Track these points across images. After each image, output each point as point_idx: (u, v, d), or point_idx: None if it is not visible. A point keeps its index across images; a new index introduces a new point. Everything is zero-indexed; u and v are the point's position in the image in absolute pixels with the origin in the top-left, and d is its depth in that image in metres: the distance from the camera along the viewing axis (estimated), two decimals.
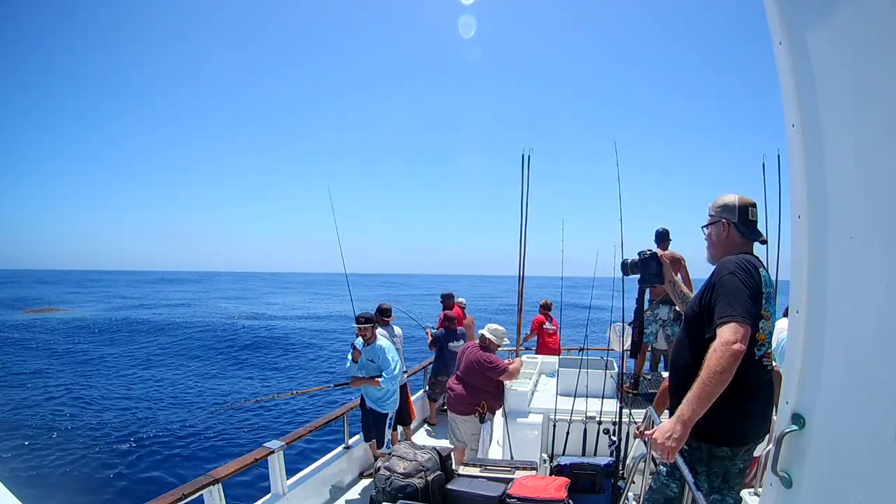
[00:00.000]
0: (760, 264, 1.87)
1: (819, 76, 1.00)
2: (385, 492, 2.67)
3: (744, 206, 1.94)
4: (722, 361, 1.60)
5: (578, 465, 2.99)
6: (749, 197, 1.98)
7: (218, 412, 9.11)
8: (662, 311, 4.98)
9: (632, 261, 2.46)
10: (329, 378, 12.18)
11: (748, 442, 1.91)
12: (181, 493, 2.69)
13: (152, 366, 13.75)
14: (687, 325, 1.97)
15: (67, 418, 9.04)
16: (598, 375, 4.15)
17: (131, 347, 16.44)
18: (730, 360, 1.60)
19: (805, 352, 1.06)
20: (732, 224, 1.94)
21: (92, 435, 8.24)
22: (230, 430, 8.69)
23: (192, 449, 7.84)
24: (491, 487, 2.61)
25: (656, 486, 2.04)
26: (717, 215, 1.98)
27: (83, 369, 13.17)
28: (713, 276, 1.83)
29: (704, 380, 1.62)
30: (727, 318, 1.67)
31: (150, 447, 7.79)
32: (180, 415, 9.48)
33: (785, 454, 1.09)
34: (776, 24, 1.07)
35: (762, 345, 1.83)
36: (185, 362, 14.32)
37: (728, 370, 1.60)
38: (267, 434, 8.23)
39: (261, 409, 9.94)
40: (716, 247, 2.00)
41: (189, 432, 8.50)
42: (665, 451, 1.66)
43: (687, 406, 1.64)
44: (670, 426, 1.66)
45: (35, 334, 19.17)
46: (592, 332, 4.96)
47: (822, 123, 1.00)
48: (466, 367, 4.08)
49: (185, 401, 10.51)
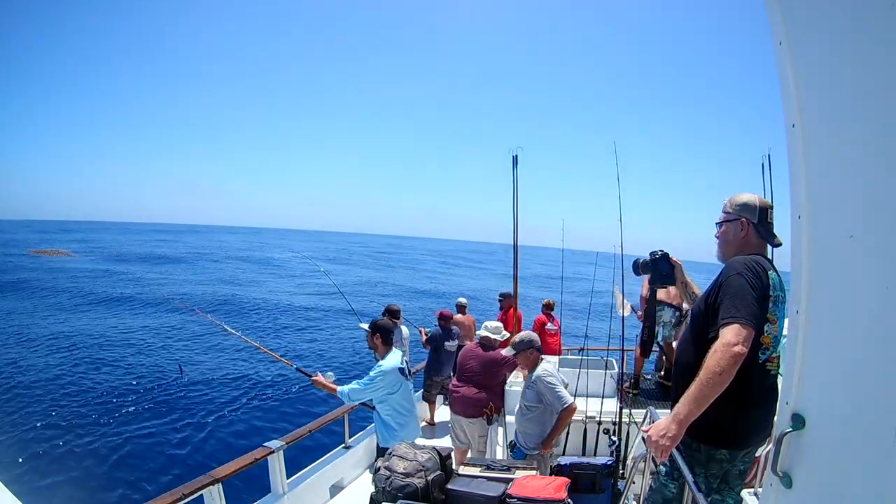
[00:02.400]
0: (770, 266, 1.85)
1: (819, 76, 1.00)
2: (385, 491, 2.67)
3: (764, 208, 1.91)
4: (721, 363, 1.58)
5: (578, 465, 2.99)
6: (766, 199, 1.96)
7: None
8: (667, 314, 4.94)
9: (643, 261, 2.43)
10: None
11: (748, 446, 1.90)
12: (181, 493, 2.69)
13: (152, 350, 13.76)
14: (693, 323, 1.96)
15: (67, 419, 9.04)
16: (598, 375, 4.16)
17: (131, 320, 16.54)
18: (729, 362, 1.58)
19: (805, 352, 1.06)
20: (752, 224, 1.90)
21: (92, 435, 8.24)
22: (230, 429, 8.69)
23: (192, 449, 7.84)
24: (491, 487, 2.61)
25: (656, 487, 2.04)
26: (735, 213, 1.93)
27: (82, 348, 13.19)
28: (721, 276, 1.81)
29: (703, 380, 1.61)
30: (730, 320, 1.65)
31: (150, 447, 7.79)
32: (180, 414, 9.48)
33: (785, 454, 1.09)
34: (776, 24, 1.07)
35: (766, 348, 1.80)
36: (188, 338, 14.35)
37: (727, 372, 1.58)
38: (267, 434, 8.23)
39: (261, 408, 9.94)
40: (730, 245, 1.96)
41: (189, 432, 8.50)
42: (658, 450, 1.66)
43: (684, 405, 1.63)
44: (665, 424, 1.66)
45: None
46: (592, 332, 4.96)
47: (822, 123, 1.00)
48: (476, 369, 4.04)
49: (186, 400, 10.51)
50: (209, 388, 11.50)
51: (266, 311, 19.03)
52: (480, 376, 4.00)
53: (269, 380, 12.57)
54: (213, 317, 5.41)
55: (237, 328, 4.80)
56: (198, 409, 9.90)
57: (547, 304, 7.17)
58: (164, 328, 16.72)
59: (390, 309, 5.17)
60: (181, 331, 16.82)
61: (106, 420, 9.02)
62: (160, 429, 8.63)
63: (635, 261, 2.50)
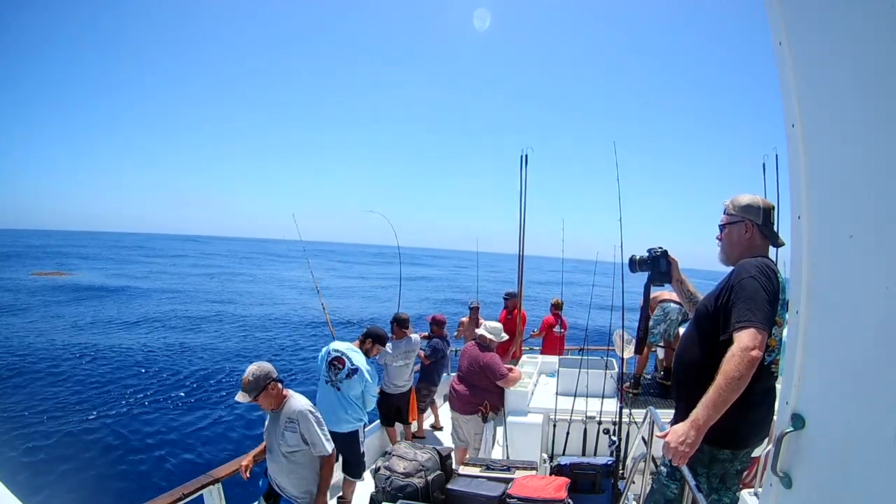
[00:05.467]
0: (777, 269, 1.85)
1: (819, 76, 1.00)
2: (385, 491, 2.67)
3: (767, 209, 1.90)
4: (741, 367, 1.58)
5: (578, 465, 2.99)
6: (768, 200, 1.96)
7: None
8: (673, 312, 4.90)
9: (640, 258, 2.38)
10: None
11: (749, 445, 1.91)
12: (181, 493, 2.69)
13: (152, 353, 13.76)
14: (698, 322, 1.95)
15: (66, 418, 9.04)
16: (598, 375, 4.15)
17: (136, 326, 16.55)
18: (748, 367, 1.58)
19: (805, 352, 1.06)
20: (756, 226, 1.89)
21: (91, 434, 8.24)
22: (230, 429, 8.69)
23: (192, 449, 7.84)
24: (491, 487, 2.61)
25: (656, 487, 2.04)
26: (738, 215, 1.93)
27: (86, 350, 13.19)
28: (732, 278, 1.80)
29: (721, 385, 1.59)
30: (746, 324, 1.64)
31: (150, 447, 7.79)
32: (180, 414, 9.48)
33: (785, 454, 1.09)
34: (776, 24, 1.07)
35: (772, 350, 1.82)
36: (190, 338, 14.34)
37: (745, 376, 1.58)
38: None
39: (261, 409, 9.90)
40: (734, 247, 1.95)
41: (189, 432, 8.51)
42: (678, 455, 1.65)
43: (703, 410, 1.62)
44: (684, 430, 1.64)
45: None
46: (592, 333, 4.96)
47: (822, 123, 1.00)
48: (468, 366, 4.08)
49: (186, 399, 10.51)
50: (209, 389, 11.50)
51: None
52: (470, 375, 4.05)
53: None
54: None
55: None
56: (198, 409, 9.90)
57: (555, 304, 7.08)
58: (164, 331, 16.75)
59: (398, 318, 5.09)
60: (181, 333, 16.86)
61: (106, 420, 9.02)
62: (160, 429, 8.63)
63: (632, 257, 2.44)
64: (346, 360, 3.71)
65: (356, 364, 3.70)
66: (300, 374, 12.11)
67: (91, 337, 15.07)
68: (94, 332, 15.84)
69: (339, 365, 3.70)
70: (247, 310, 21.60)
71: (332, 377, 3.70)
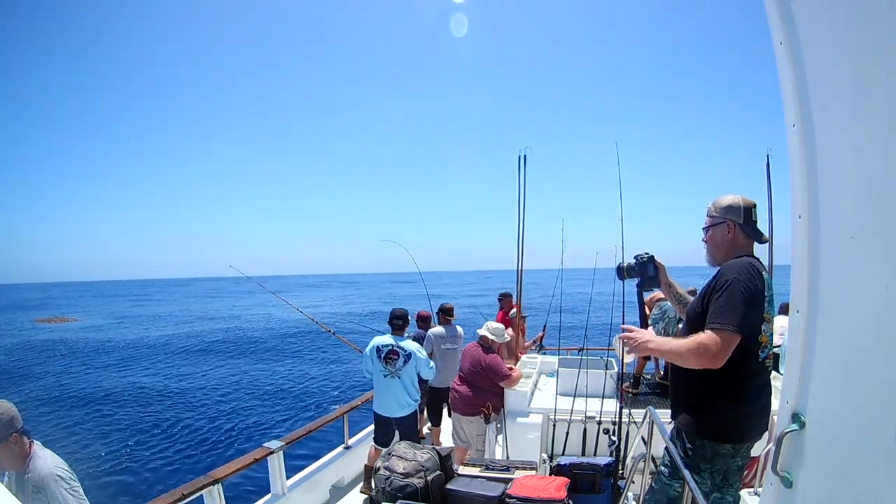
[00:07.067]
0: (763, 267, 1.88)
1: (819, 76, 1.00)
2: (384, 492, 2.67)
3: (748, 207, 1.94)
4: (689, 355, 1.73)
5: (578, 464, 2.98)
6: (749, 197, 1.99)
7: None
8: (671, 310, 4.90)
9: (628, 265, 2.43)
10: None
11: (749, 439, 1.94)
12: (181, 493, 2.69)
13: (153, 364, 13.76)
14: (690, 323, 1.99)
15: (67, 419, 9.04)
16: (598, 375, 4.15)
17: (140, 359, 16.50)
18: (694, 360, 1.72)
19: (805, 352, 1.06)
20: (738, 225, 1.93)
21: (92, 435, 8.24)
22: (230, 430, 8.68)
23: (192, 449, 7.84)
24: (490, 487, 2.61)
25: (658, 487, 2.04)
26: (720, 216, 1.97)
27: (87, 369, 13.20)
28: (717, 279, 1.85)
29: (673, 348, 1.80)
30: (715, 326, 1.72)
31: (150, 447, 7.79)
32: (181, 415, 9.48)
33: (785, 454, 1.09)
34: (776, 24, 1.07)
35: (764, 347, 1.85)
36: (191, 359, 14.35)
37: (686, 363, 1.76)
38: (267, 434, 8.24)
39: (261, 408, 9.94)
40: (719, 248, 1.99)
41: (189, 432, 8.50)
42: (630, 344, 1.95)
43: (658, 344, 1.90)
44: (649, 336, 1.94)
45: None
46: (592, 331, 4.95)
47: (822, 123, 1.00)
48: (471, 367, 4.07)
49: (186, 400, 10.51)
50: (209, 390, 11.50)
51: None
52: (472, 376, 4.03)
53: (268, 381, 12.58)
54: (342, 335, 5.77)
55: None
56: (198, 410, 9.90)
57: (505, 297, 6.83)
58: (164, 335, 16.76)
59: (443, 308, 5.19)
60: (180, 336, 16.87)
61: (106, 421, 9.02)
62: (160, 429, 8.63)
63: (619, 265, 2.49)
64: (398, 350, 3.97)
65: (409, 349, 3.98)
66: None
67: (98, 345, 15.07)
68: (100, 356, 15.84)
69: (395, 356, 3.96)
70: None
71: (392, 369, 3.96)
